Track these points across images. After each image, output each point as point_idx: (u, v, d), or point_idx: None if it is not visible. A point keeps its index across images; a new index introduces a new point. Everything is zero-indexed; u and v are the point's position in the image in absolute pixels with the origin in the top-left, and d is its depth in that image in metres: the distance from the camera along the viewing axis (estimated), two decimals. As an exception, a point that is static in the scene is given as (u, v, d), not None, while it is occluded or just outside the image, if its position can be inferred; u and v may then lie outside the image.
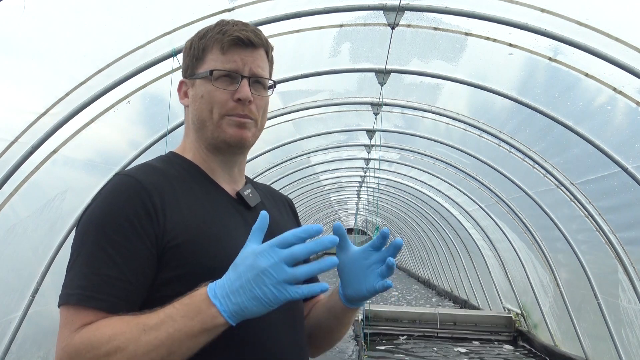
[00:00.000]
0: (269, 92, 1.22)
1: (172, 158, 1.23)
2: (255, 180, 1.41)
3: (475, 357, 8.15)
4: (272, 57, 1.24)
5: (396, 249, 1.12)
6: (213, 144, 1.19)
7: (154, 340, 0.95)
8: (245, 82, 1.16)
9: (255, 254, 0.95)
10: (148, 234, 1.05)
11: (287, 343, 1.14)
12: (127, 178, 1.10)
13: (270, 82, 1.22)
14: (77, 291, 1.01)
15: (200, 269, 1.06)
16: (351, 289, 1.17)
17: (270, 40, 1.26)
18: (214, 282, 0.98)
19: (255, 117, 1.18)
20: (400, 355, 8.10)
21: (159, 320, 0.96)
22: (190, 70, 1.21)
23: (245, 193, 1.23)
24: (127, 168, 1.23)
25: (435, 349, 8.63)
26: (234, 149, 1.20)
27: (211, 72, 1.16)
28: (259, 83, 1.19)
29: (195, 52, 1.20)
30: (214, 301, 0.95)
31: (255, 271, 0.93)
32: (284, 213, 1.36)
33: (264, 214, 1.00)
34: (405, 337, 9.31)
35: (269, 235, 1.21)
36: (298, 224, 1.40)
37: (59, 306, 1.04)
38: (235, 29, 1.17)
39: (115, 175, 1.14)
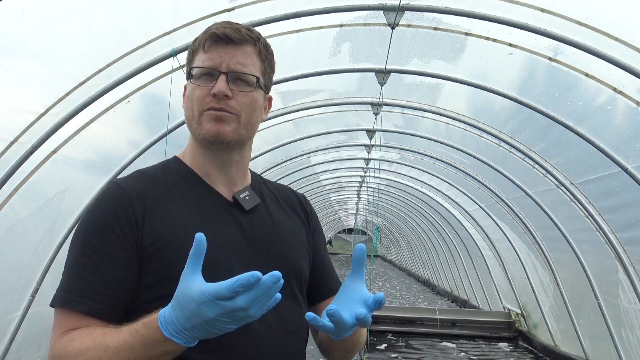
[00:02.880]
0: (255, 87, 1.19)
1: (171, 163, 1.26)
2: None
3: (475, 357, 8.15)
4: (265, 54, 1.22)
5: (380, 305, 1.06)
6: (199, 142, 1.21)
7: None
8: (221, 77, 1.15)
9: (198, 303, 0.91)
10: (129, 240, 1.09)
11: (273, 351, 1.13)
12: (113, 186, 1.15)
13: (254, 78, 1.18)
14: (61, 294, 1.07)
15: (178, 273, 1.05)
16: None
17: (270, 40, 1.26)
18: (164, 314, 0.96)
19: (236, 111, 1.16)
20: (400, 355, 8.10)
21: (118, 345, 0.99)
22: (187, 74, 1.25)
23: (242, 196, 1.22)
24: (125, 171, 1.26)
25: (435, 349, 8.62)
26: (214, 145, 1.18)
27: (190, 70, 1.19)
28: (241, 80, 1.17)
29: (188, 55, 1.23)
30: (170, 338, 0.95)
31: (203, 319, 0.92)
32: (292, 215, 1.33)
33: (198, 238, 0.94)
34: (404, 337, 9.31)
35: (267, 237, 1.21)
36: (308, 224, 1.36)
37: (50, 306, 1.10)
38: (216, 26, 1.18)
39: (108, 183, 1.19)
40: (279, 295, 0.94)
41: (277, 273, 0.91)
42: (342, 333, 1.06)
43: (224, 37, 1.16)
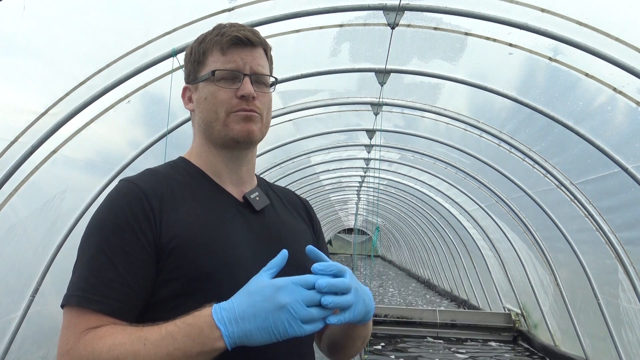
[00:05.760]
0: (271, 89, 1.25)
1: (179, 163, 1.26)
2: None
3: (474, 357, 8.15)
4: (271, 56, 1.27)
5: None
6: (221, 143, 1.21)
7: (153, 356, 0.96)
8: (247, 79, 1.18)
9: (277, 288, 0.96)
10: (147, 237, 1.08)
11: (286, 350, 1.13)
12: (128, 183, 1.14)
13: (272, 79, 1.25)
14: (78, 293, 1.04)
15: (194, 272, 1.08)
16: None
17: (270, 40, 1.28)
18: (219, 304, 0.98)
19: (261, 112, 1.21)
20: (400, 355, 8.10)
21: (159, 337, 0.97)
22: (192, 75, 1.24)
23: (252, 196, 1.23)
24: (125, 170, 1.26)
25: (434, 349, 8.63)
26: (242, 145, 1.21)
27: (213, 72, 1.18)
28: (261, 81, 1.21)
29: (196, 56, 1.23)
30: (218, 325, 0.96)
31: (274, 304, 0.95)
32: (297, 217, 1.34)
33: (284, 253, 1.02)
34: (404, 337, 9.31)
35: (277, 237, 1.22)
36: (313, 228, 1.38)
37: (61, 306, 1.06)
38: (233, 29, 1.19)
39: (119, 181, 1.17)
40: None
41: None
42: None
43: (245, 40, 1.18)
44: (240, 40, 1.18)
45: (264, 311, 0.94)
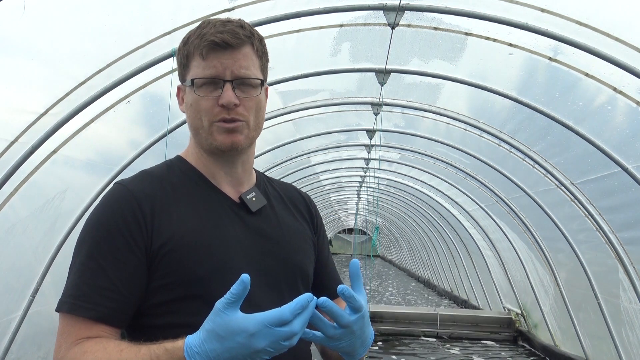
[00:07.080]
0: (260, 89, 1.17)
1: (175, 163, 1.23)
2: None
3: (475, 357, 8.15)
4: (261, 49, 1.18)
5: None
6: (208, 150, 1.18)
7: None
8: (228, 86, 1.12)
9: (249, 335, 0.91)
10: (137, 244, 1.07)
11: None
12: (120, 187, 1.13)
13: (258, 81, 1.16)
14: (69, 299, 1.04)
15: (187, 276, 1.07)
16: None
17: (270, 40, 1.25)
18: (191, 344, 0.94)
19: (246, 118, 1.15)
20: (400, 355, 8.10)
21: None
22: (181, 77, 1.21)
23: (248, 197, 1.20)
24: (125, 171, 1.25)
25: (434, 348, 8.63)
26: (228, 154, 1.18)
27: (192, 81, 1.14)
28: (246, 84, 1.15)
29: (181, 59, 1.19)
30: None
31: (250, 350, 0.91)
32: (297, 215, 1.31)
33: (244, 279, 0.92)
34: (404, 337, 9.31)
35: (274, 238, 1.20)
36: (313, 225, 1.34)
37: (56, 311, 1.07)
38: (212, 31, 1.13)
39: (113, 184, 1.16)
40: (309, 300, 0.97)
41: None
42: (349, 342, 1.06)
43: (222, 44, 1.11)
44: (218, 44, 1.11)
45: (242, 356, 0.92)
